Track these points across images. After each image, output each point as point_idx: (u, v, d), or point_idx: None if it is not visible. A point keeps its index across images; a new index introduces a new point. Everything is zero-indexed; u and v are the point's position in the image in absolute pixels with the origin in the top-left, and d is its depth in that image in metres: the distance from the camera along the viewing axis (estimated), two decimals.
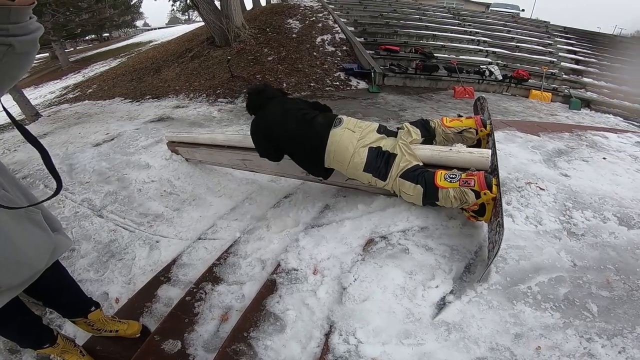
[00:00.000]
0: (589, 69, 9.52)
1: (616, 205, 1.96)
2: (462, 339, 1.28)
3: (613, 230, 1.76)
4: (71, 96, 9.73)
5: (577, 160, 2.56)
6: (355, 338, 1.35)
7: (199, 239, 2.45)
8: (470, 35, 10.42)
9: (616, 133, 3.55)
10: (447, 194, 1.75)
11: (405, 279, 1.55)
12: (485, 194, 1.66)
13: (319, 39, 9.70)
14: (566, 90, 8.09)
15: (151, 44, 16.97)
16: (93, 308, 1.67)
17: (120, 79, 10.28)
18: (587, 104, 7.79)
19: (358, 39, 9.54)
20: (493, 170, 1.87)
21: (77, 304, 1.63)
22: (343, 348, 1.32)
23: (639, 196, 2.08)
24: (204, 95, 7.41)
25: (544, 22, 12.35)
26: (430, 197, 1.81)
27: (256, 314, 1.56)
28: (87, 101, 8.47)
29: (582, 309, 1.36)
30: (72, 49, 23.94)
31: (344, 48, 9.35)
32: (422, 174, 1.86)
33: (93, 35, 24.71)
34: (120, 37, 25.98)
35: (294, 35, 9.94)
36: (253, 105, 2.23)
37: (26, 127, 6.77)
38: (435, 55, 9.13)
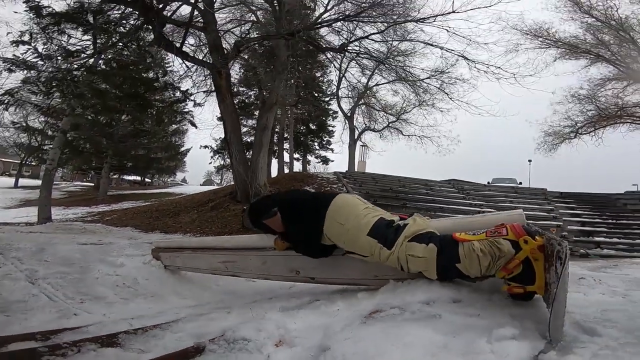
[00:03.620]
0: (597, 229, 9.28)
1: None
2: None
3: None
4: (89, 219, 10.02)
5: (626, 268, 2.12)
6: None
7: (130, 318, 1.84)
8: (475, 207, 10.87)
9: None
10: (471, 248, 1.30)
11: (446, 338, 1.02)
12: (526, 242, 1.23)
13: None
14: (582, 250, 7.74)
15: (181, 196, 18.68)
16: None
17: (140, 215, 10.76)
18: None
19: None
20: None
21: None
22: None
23: None
24: (210, 236, 7.44)
25: (541, 189, 12.93)
26: (448, 256, 1.36)
27: None
28: (100, 224, 8.62)
29: None
30: (115, 185, 25.36)
31: None
32: (436, 237, 1.47)
33: (137, 177, 27.00)
34: (158, 185, 28.66)
35: None
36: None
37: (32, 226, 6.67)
38: None
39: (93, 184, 23.25)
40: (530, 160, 24.53)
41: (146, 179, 28.82)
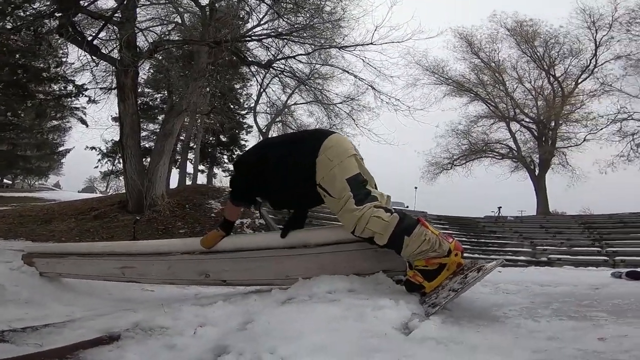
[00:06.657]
0: (463, 246, 11.31)
1: None
2: (474, 349, 1.06)
3: None
4: None
5: None
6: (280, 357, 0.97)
7: (7, 321, 1.62)
8: None
9: None
10: (424, 233, 1.58)
11: (344, 311, 1.32)
12: (457, 255, 1.61)
13: (238, 222, 9.95)
14: None
15: (54, 202, 15.65)
16: None
17: None
18: None
19: (278, 226, 10.15)
20: None
21: None
22: None
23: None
24: None
25: (422, 212, 14.62)
26: (405, 227, 1.59)
27: None
28: None
29: None
30: None
31: (262, 232, 9.61)
32: (398, 211, 1.72)
33: None
34: (22, 188, 23.02)
35: (212, 215, 9.96)
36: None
37: None
38: None
39: None
40: (416, 187, 27.83)
41: (5, 180, 23.04)
